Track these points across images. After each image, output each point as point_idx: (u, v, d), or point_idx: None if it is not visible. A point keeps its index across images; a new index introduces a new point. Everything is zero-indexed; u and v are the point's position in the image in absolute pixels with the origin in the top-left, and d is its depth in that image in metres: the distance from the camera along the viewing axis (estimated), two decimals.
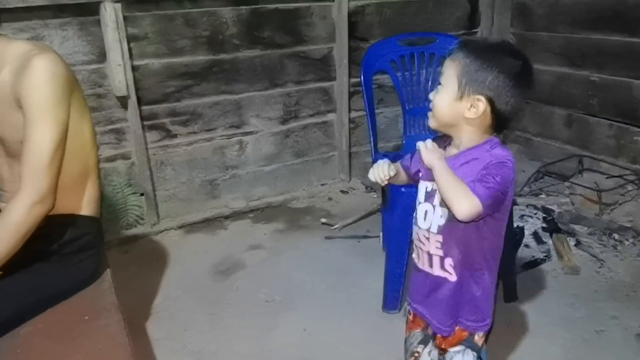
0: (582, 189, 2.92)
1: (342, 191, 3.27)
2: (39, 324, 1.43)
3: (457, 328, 1.35)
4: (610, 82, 2.98)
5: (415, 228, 1.35)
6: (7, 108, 1.40)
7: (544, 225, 2.76)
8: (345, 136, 3.24)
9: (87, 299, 1.53)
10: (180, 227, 2.89)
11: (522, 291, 2.24)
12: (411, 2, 3.23)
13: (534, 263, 2.47)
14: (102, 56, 2.54)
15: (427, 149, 1.26)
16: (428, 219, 1.30)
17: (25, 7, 2.32)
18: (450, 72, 1.23)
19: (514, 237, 2.54)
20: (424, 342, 1.43)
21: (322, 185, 3.30)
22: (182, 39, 2.71)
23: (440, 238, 1.29)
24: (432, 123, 1.28)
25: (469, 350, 1.36)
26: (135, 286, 2.34)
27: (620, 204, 2.83)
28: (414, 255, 1.40)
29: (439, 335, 1.38)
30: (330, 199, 3.21)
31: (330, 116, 3.22)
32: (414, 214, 1.35)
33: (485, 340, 1.39)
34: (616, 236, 2.64)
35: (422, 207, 1.33)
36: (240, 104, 2.94)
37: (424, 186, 1.33)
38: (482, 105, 1.20)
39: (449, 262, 1.29)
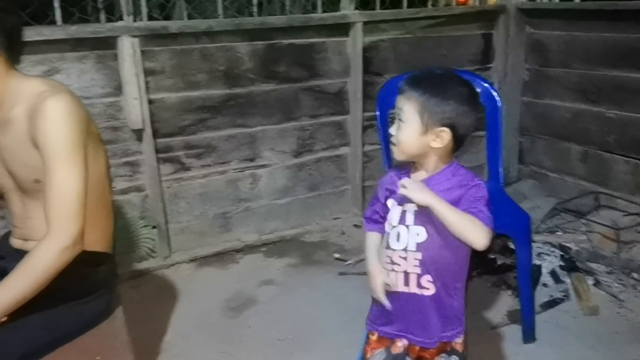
0: (600, 226, 2.87)
1: (355, 225, 3.24)
2: None
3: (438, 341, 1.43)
4: (626, 119, 2.96)
5: (387, 251, 1.42)
6: (21, 146, 1.39)
7: (562, 263, 2.70)
8: (358, 170, 3.23)
9: (99, 337, 1.50)
10: (192, 261, 2.86)
11: (540, 332, 2.19)
12: (426, 38, 3.25)
13: (553, 303, 2.42)
14: (118, 89, 2.56)
15: (414, 190, 1.33)
16: (402, 239, 1.38)
17: (44, 40, 2.34)
18: (410, 109, 1.32)
19: (531, 275, 2.49)
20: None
21: (335, 219, 3.27)
22: (199, 73, 2.73)
23: (419, 255, 1.37)
24: (399, 156, 1.38)
25: (454, 357, 1.45)
26: (146, 321, 2.31)
27: (638, 242, 2.77)
28: (385, 279, 1.44)
29: (417, 348, 1.44)
30: (343, 233, 3.18)
31: (344, 150, 3.22)
32: (386, 238, 1.43)
33: (465, 343, 1.47)
34: (635, 275, 2.59)
35: (395, 230, 1.40)
36: (254, 137, 2.94)
37: (397, 210, 1.41)
38: (446, 135, 1.32)
39: (427, 278, 1.38)
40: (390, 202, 1.44)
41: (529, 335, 2.16)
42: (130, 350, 1.44)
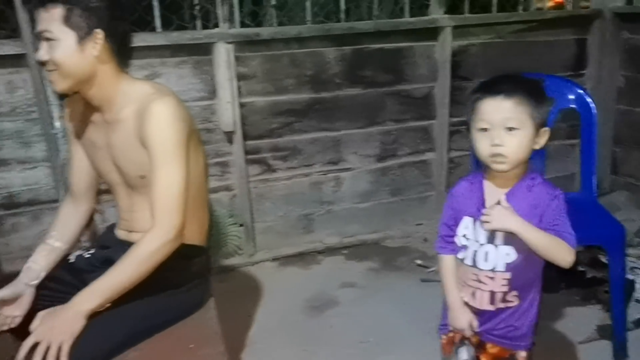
0: None
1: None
2: (147, 349, 1.48)
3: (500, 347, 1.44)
4: None
5: (471, 270, 1.40)
6: (131, 144, 1.49)
7: None
8: (443, 176, 3.19)
9: (193, 326, 1.58)
10: (275, 260, 2.94)
11: (633, 349, 2.08)
12: (517, 43, 3.17)
13: None
14: (212, 93, 2.68)
15: (498, 219, 1.31)
16: (490, 259, 1.36)
17: (146, 46, 2.49)
18: (522, 115, 1.28)
19: (624, 290, 2.36)
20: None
21: (417, 225, 3.24)
22: (287, 78, 2.80)
23: (508, 275, 1.36)
24: (504, 167, 1.32)
25: None
26: (231, 316, 2.39)
27: None
28: (465, 297, 1.44)
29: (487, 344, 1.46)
30: (425, 240, 3.14)
31: (429, 155, 3.19)
32: (470, 256, 1.40)
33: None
34: None
35: (483, 248, 1.38)
36: (339, 140, 2.98)
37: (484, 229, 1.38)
38: (546, 135, 1.33)
39: (513, 294, 1.39)
40: (468, 220, 1.41)
41: (620, 352, 2.05)
42: (221, 340, 1.51)
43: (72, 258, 1.71)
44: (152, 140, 1.42)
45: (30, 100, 2.44)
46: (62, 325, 1.32)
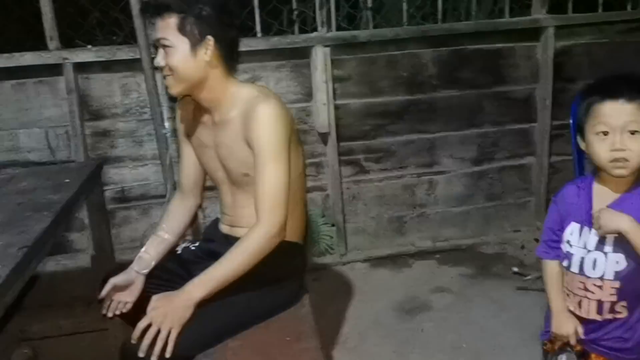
0: None
1: (536, 240, 3.07)
2: (246, 339, 1.55)
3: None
4: None
5: (578, 277, 1.35)
6: (236, 144, 1.57)
7: None
8: (543, 181, 3.07)
9: (289, 320, 1.63)
10: (366, 261, 2.95)
11: None
12: (625, 43, 2.99)
13: None
14: (309, 96, 2.75)
15: (609, 221, 1.26)
16: (599, 267, 1.31)
17: (249, 51, 2.60)
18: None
19: None
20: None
21: (515, 231, 3.14)
22: (383, 80, 2.81)
23: (617, 284, 1.30)
24: (625, 172, 1.27)
25: None
26: (323, 313, 2.43)
27: None
28: (570, 306, 1.40)
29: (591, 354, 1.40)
30: (523, 247, 3.03)
31: (529, 159, 3.08)
32: (576, 263, 1.35)
33: None
34: None
35: (590, 255, 1.33)
36: (434, 143, 2.95)
37: (593, 234, 1.32)
38: None
39: (622, 304, 1.33)
40: (575, 226, 1.37)
41: None
42: (316, 336, 1.54)
43: (179, 249, 1.82)
44: (257, 141, 1.49)
45: (143, 102, 2.62)
46: (173, 311, 1.42)
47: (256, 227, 1.49)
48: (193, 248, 1.82)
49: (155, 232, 1.82)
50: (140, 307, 1.76)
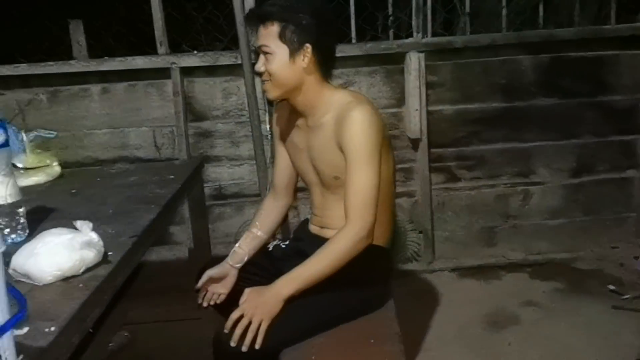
0: None
1: (635, 257, 2.90)
2: (331, 338, 1.58)
3: None
4: None
5: None
6: (329, 147, 1.62)
7: None
8: None
9: (374, 323, 1.65)
10: (453, 270, 2.91)
11: None
12: None
13: None
14: (401, 101, 2.76)
15: None
16: None
17: (343, 57, 2.64)
18: None
19: None
20: None
21: (612, 248, 2.97)
22: (477, 86, 2.77)
23: None
24: None
25: None
26: (407, 319, 2.40)
27: None
28: None
29: None
30: (621, 264, 2.87)
31: (631, 173, 2.91)
32: None
33: None
34: None
35: None
36: (529, 152, 2.86)
37: None
38: None
39: None
40: None
41: None
42: (400, 341, 1.56)
43: (270, 247, 1.90)
44: (349, 145, 1.53)
45: (241, 105, 2.74)
46: (264, 305, 1.49)
47: (345, 228, 1.53)
48: (283, 246, 1.89)
49: (249, 228, 1.91)
50: (232, 299, 1.86)
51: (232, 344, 1.46)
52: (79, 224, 1.13)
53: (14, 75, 2.68)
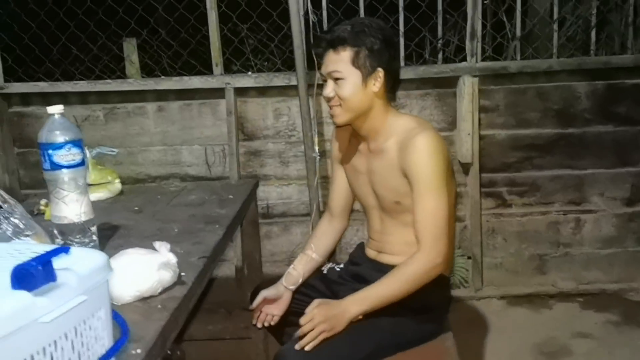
0: None
1: None
2: None
3: None
4: None
5: None
6: (391, 172, 1.62)
7: None
8: None
9: (432, 353, 1.64)
10: (502, 298, 2.86)
11: None
12: None
13: None
14: (452, 125, 2.74)
15: None
16: None
17: None
18: None
19: None
20: None
21: None
22: (531, 112, 2.74)
23: None
24: None
25: None
26: (458, 347, 2.38)
27: None
28: None
29: None
30: None
31: None
32: None
33: None
34: None
35: None
36: (583, 180, 2.80)
37: None
38: None
39: None
40: None
41: None
42: None
43: (325, 269, 1.90)
44: (415, 171, 1.53)
45: (292, 126, 2.77)
46: (331, 319, 1.49)
47: (419, 254, 1.52)
48: (338, 269, 1.89)
49: (304, 250, 1.91)
50: (286, 321, 1.87)
51: (297, 348, 1.47)
52: (157, 244, 1.15)
53: (73, 92, 2.76)
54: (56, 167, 1.30)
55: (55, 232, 1.34)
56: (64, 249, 0.63)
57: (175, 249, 1.38)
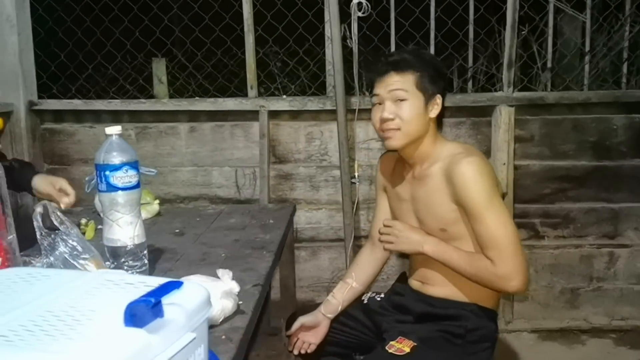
0: None
1: None
2: None
3: None
4: None
5: None
6: (436, 198, 1.59)
7: None
8: None
9: None
10: (533, 331, 2.79)
11: None
12: None
13: None
14: (487, 154, 2.71)
15: None
16: None
17: None
18: None
19: None
20: None
21: None
22: (567, 143, 2.71)
23: None
24: None
25: None
26: None
27: None
28: None
29: None
30: None
31: None
32: None
33: None
34: None
35: None
36: (618, 213, 2.76)
37: None
38: None
39: None
40: None
41: None
42: None
43: (365, 299, 1.86)
44: (466, 194, 1.50)
45: (323, 150, 2.75)
46: (405, 239, 1.64)
47: (497, 265, 1.48)
48: (379, 299, 1.84)
49: (344, 279, 1.88)
50: (322, 350, 1.82)
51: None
52: (220, 272, 1.12)
53: (105, 110, 2.76)
54: (112, 188, 1.29)
55: (107, 254, 1.32)
56: (176, 284, 0.60)
57: None
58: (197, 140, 2.78)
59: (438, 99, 1.59)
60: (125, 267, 1.32)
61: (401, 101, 1.56)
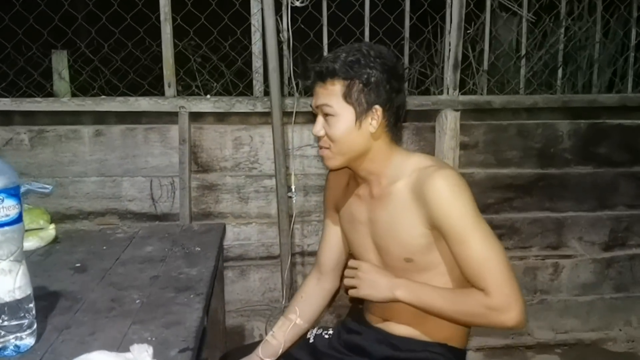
0: None
1: None
2: None
3: None
4: None
5: None
6: (401, 222, 1.34)
7: None
8: None
9: None
10: (479, 350, 2.64)
11: None
12: None
13: None
14: None
15: None
16: None
17: None
18: None
19: None
20: None
21: None
22: (512, 150, 2.56)
23: None
24: None
25: None
26: None
27: None
28: None
29: None
30: None
31: None
32: None
33: None
34: None
35: None
36: (562, 223, 2.65)
37: None
38: None
39: None
40: None
41: None
42: None
43: (310, 337, 1.59)
44: (444, 215, 1.27)
45: (253, 158, 2.44)
46: (373, 284, 1.36)
47: (486, 297, 1.25)
48: (327, 336, 1.58)
49: (286, 314, 1.60)
50: None
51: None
52: (135, 349, 0.79)
53: None
54: None
55: None
56: None
57: (144, 334, 1.03)
58: (104, 145, 2.38)
59: (377, 111, 1.32)
60: (3, 332, 0.96)
61: (329, 116, 1.31)
